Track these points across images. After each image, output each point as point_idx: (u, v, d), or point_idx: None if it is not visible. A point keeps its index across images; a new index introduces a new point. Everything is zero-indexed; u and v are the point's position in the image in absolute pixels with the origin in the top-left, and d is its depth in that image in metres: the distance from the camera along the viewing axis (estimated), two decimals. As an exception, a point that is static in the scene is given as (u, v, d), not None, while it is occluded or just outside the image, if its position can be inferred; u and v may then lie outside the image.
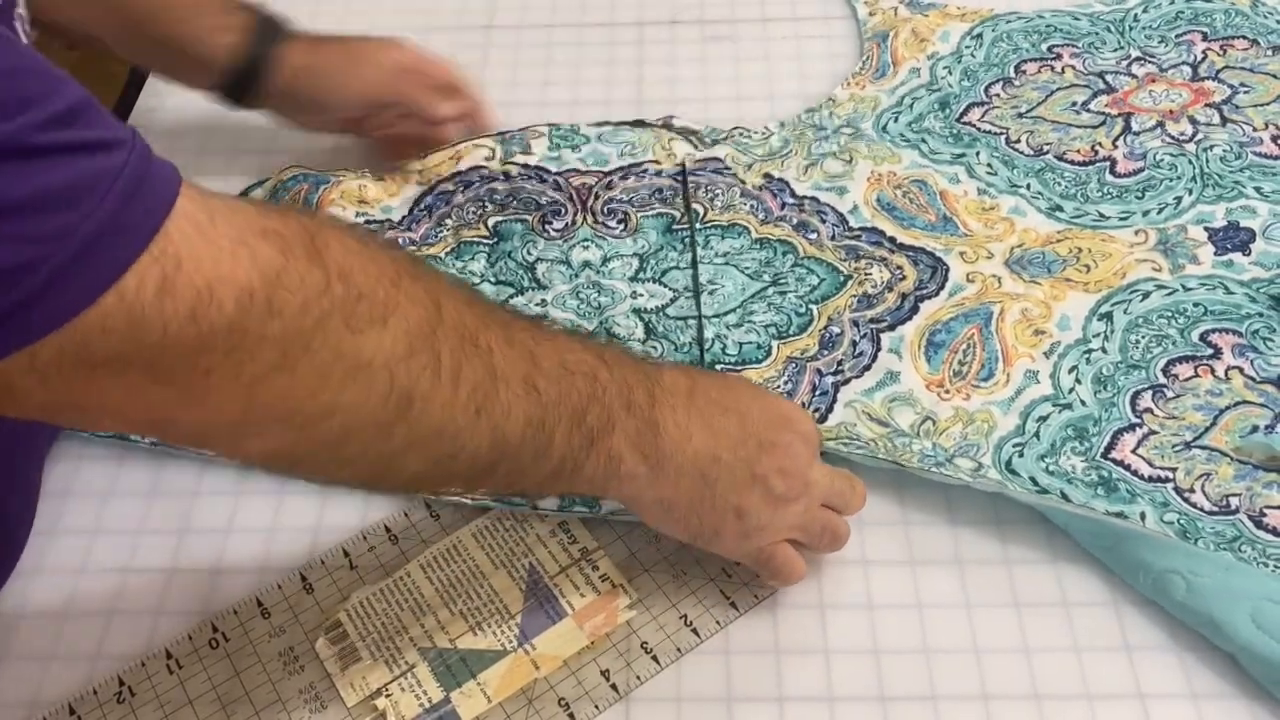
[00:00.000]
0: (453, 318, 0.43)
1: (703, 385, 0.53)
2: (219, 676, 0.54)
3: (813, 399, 0.61)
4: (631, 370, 0.50)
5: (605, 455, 0.49)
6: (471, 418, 0.44)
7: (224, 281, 0.36)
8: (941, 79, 0.79)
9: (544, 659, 0.53)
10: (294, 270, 0.38)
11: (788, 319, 0.65)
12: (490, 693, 0.52)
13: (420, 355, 0.42)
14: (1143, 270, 0.66)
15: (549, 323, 0.50)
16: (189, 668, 0.54)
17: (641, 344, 0.65)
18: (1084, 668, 0.52)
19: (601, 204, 0.72)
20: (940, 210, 0.71)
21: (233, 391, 0.38)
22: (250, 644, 0.55)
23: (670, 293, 0.67)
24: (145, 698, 0.53)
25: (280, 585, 0.57)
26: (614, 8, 0.88)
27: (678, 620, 0.55)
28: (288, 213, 0.40)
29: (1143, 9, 0.83)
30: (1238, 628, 0.51)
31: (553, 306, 0.67)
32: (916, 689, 0.52)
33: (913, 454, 0.58)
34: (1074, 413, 0.60)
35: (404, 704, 0.52)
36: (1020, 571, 0.56)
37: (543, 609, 0.55)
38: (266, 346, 0.38)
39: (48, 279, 0.33)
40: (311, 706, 0.53)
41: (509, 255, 0.69)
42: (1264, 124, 0.74)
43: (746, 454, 0.51)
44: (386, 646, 0.54)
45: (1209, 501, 0.56)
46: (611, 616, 0.55)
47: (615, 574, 0.56)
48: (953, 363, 0.62)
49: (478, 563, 0.57)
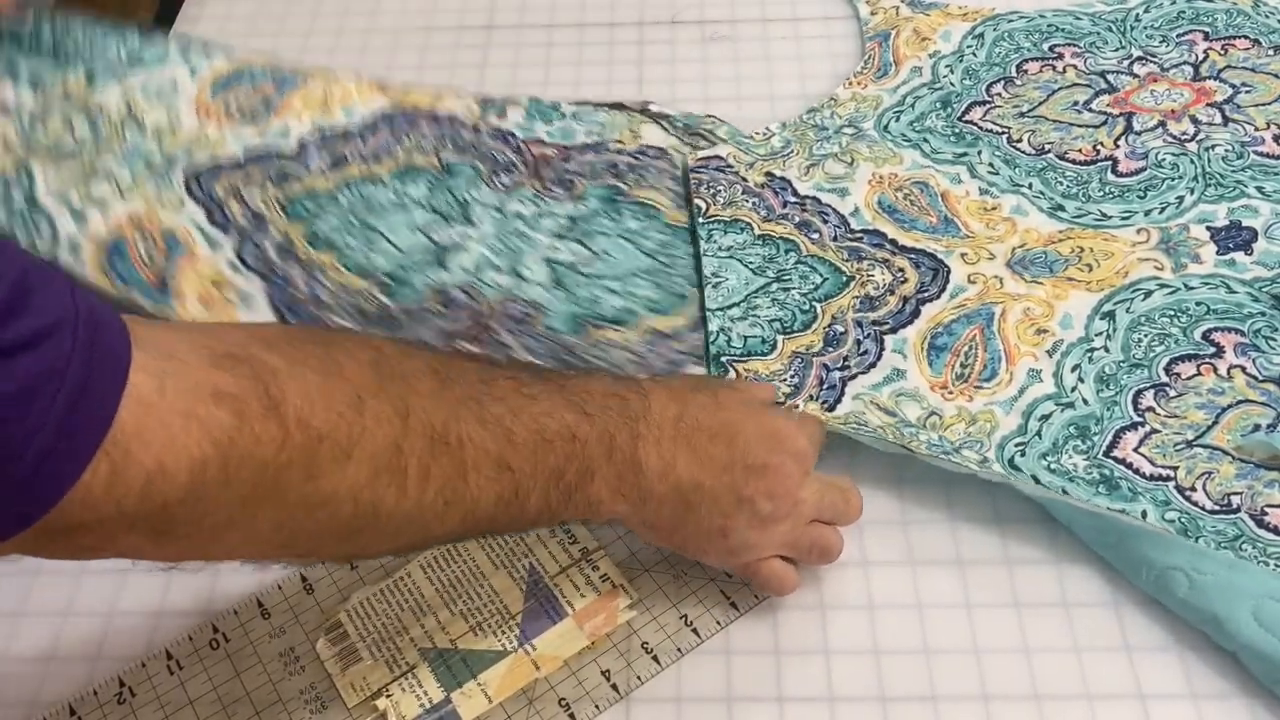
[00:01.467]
0: (421, 422, 0.43)
1: (692, 410, 0.52)
2: (219, 677, 0.54)
3: (820, 391, 0.61)
4: (616, 414, 0.50)
5: (585, 503, 0.50)
6: (440, 509, 0.45)
7: (175, 456, 0.36)
8: (943, 78, 0.79)
9: (544, 659, 0.53)
10: (248, 432, 0.38)
11: (792, 314, 0.65)
12: (491, 693, 0.52)
13: (385, 474, 0.42)
14: (1145, 269, 0.66)
15: (528, 379, 0.49)
16: (189, 668, 0.54)
17: (546, 291, 0.66)
18: (1084, 668, 0.52)
19: (554, 173, 0.73)
20: (942, 212, 0.71)
21: (198, 537, 0.39)
22: (251, 645, 0.55)
23: (589, 254, 0.68)
24: (146, 698, 0.54)
25: (280, 586, 0.57)
26: (614, 8, 0.88)
27: (678, 620, 0.55)
28: (239, 364, 0.39)
29: (1144, 9, 0.82)
30: (1240, 625, 0.50)
31: (473, 241, 0.68)
32: (916, 689, 0.52)
33: (921, 443, 0.58)
34: (1076, 411, 0.60)
35: (404, 704, 0.52)
36: (1020, 571, 0.56)
37: (543, 609, 0.55)
38: (225, 506, 0.39)
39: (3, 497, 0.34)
40: (312, 707, 0.53)
41: (450, 190, 0.71)
42: (1266, 124, 0.73)
43: (732, 479, 0.51)
44: (387, 647, 0.54)
45: (1210, 500, 0.56)
46: (612, 616, 0.55)
47: (615, 574, 0.56)
48: (955, 365, 0.62)
49: (478, 563, 0.57)
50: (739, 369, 0.62)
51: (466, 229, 0.69)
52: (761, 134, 0.76)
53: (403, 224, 0.69)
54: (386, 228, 0.69)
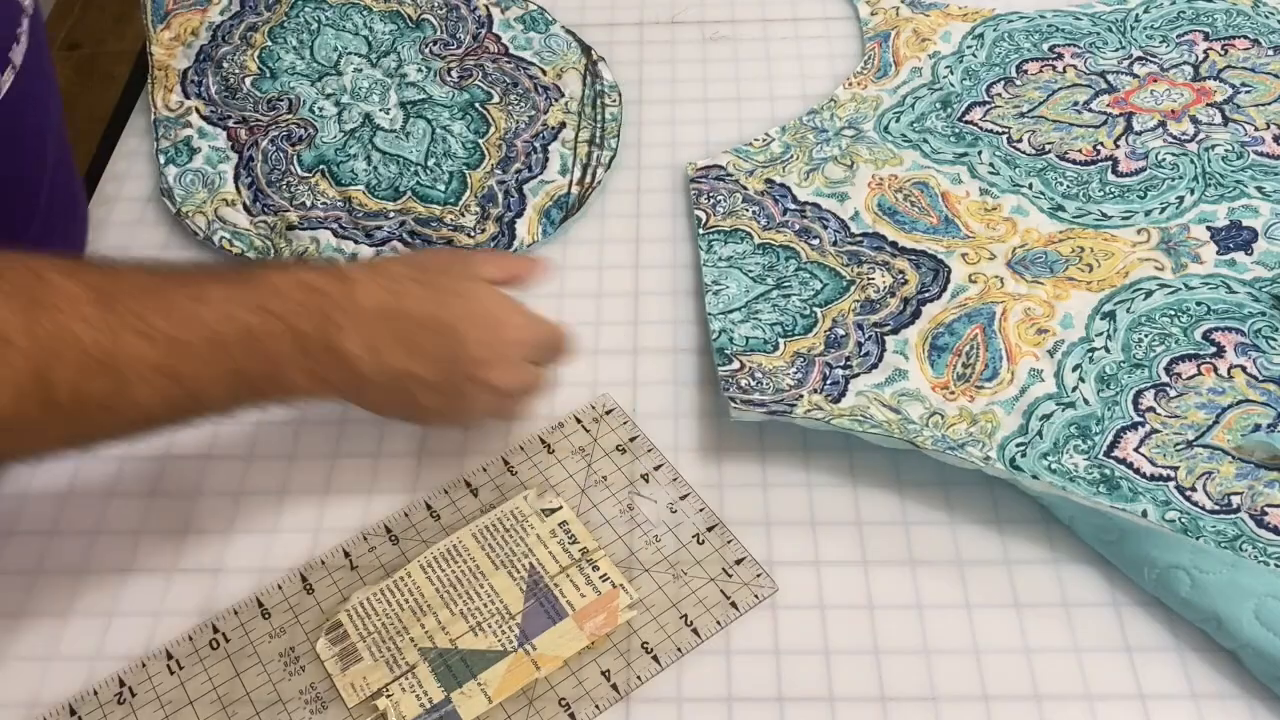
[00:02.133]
0: (71, 349, 0.46)
1: (404, 301, 0.54)
2: (219, 677, 0.54)
3: (824, 387, 0.61)
4: (305, 307, 0.52)
5: (281, 392, 0.53)
6: (104, 419, 0.49)
7: None
8: (943, 78, 0.79)
9: (544, 659, 0.53)
10: None
11: (793, 320, 0.65)
12: (491, 693, 0.52)
13: (28, 399, 0.46)
14: (1145, 269, 0.66)
15: (208, 285, 0.52)
16: (189, 668, 0.54)
17: (401, 127, 0.77)
18: (1084, 668, 0.52)
19: (474, 65, 0.81)
20: (942, 212, 0.71)
21: None
22: (251, 644, 0.55)
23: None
24: (146, 698, 0.53)
25: (281, 586, 0.57)
26: (614, 8, 0.88)
27: (678, 620, 0.55)
28: None
29: (1144, 9, 0.82)
30: (1241, 624, 0.51)
31: (349, 82, 0.80)
32: (917, 689, 0.52)
33: (925, 438, 0.58)
34: (1077, 411, 0.60)
35: (405, 704, 0.52)
36: (1020, 571, 0.56)
37: (543, 609, 0.55)
38: None
39: None
40: (312, 707, 0.53)
41: (394, 38, 0.83)
42: (1265, 124, 0.73)
43: (450, 373, 0.55)
44: (387, 647, 0.54)
45: (1210, 500, 0.56)
46: (612, 616, 0.55)
47: (615, 574, 0.56)
48: (956, 365, 0.62)
49: (478, 563, 0.57)
50: (743, 360, 0.62)
51: (364, 64, 0.81)
52: (761, 141, 0.76)
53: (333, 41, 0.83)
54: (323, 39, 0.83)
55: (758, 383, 0.61)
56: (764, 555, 0.57)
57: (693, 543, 0.57)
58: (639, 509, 0.58)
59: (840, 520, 0.58)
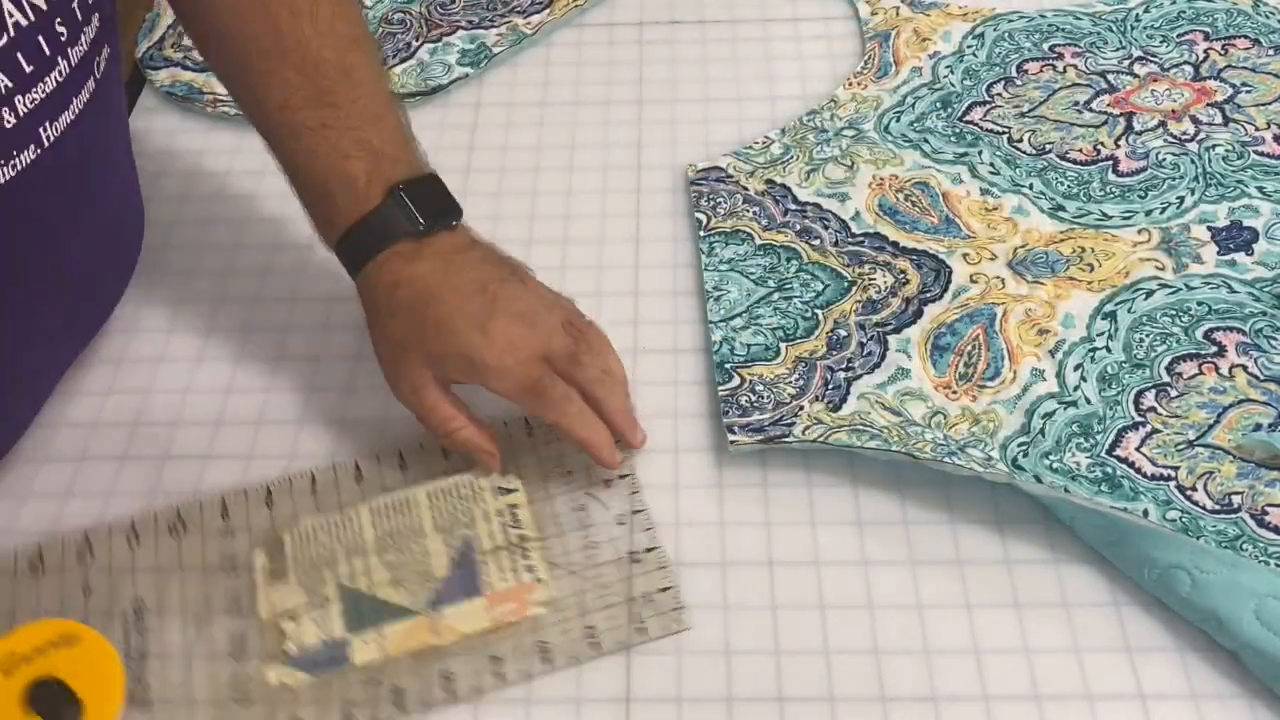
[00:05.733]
0: None
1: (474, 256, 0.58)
2: (165, 558, 0.57)
3: (826, 392, 0.61)
4: None
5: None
6: None
7: None
8: (943, 78, 0.79)
9: (445, 629, 0.54)
10: None
11: (794, 323, 0.65)
12: (387, 646, 0.54)
13: None
14: (1146, 269, 0.66)
15: None
16: (145, 543, 0.58)
17: None
18: (1084, 668, 0.52)
19: None
20: (943, 212, 0.70)
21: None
22: (202, 538, 0.58)
23: None
24: (102, 562, 0.57)
25: (247, 493, 0.60)
26: (614, 8, 0.88)
27: (583, 630, 0.54)
28: None
29: (1144, 9, 0.82)
30: (1242, 624, 0.50)
31: None
32: (917, 689, 0.52)
33: (926, 443, 0.58)
34: (1079, 410, 0.60)
35: (306, 632, 0.54)
36: (1020, 571, 0.56)
37: (462, 582, 0.56)
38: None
39: None
40: (229, 608, 0.55)
41: None
42: (1266, 123, 0.73)
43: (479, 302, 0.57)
44: (313, 575, 0.56)
45: (1211, 500, 0.55)
46: (522, 607, 0.55)
47: (542, 568, 0.56)
48: (958, 365, 0.62)
49: (422, 522, 0.58)
50: (743, 374, 0.62)
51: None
52: (761, 143, 0.76)
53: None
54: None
55: (758, 398, 0.61)
56: (764, 555, 0.57)
57: (625, 560, 0.57)
58: (590, 512, 0.58)
59: (840, 520, 0.58)
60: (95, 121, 0.56)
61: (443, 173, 0.61)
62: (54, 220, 0.56)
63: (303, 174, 0.59)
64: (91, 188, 0.59)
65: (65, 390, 0.65)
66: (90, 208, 0.59)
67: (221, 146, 0.79)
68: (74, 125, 0.54)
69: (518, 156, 0.77)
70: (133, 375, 0.66)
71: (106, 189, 0.62)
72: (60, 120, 0.53)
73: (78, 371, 0.66)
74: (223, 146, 0.79)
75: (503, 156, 0.77)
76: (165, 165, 0.78)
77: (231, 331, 0.68)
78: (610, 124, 0.79)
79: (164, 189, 0.77)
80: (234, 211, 0.75)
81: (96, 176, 0.60)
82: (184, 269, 0.72)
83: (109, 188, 0.63)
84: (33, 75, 0.50)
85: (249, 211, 0.75)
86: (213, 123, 0.81)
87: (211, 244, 0.73)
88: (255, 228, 0.74)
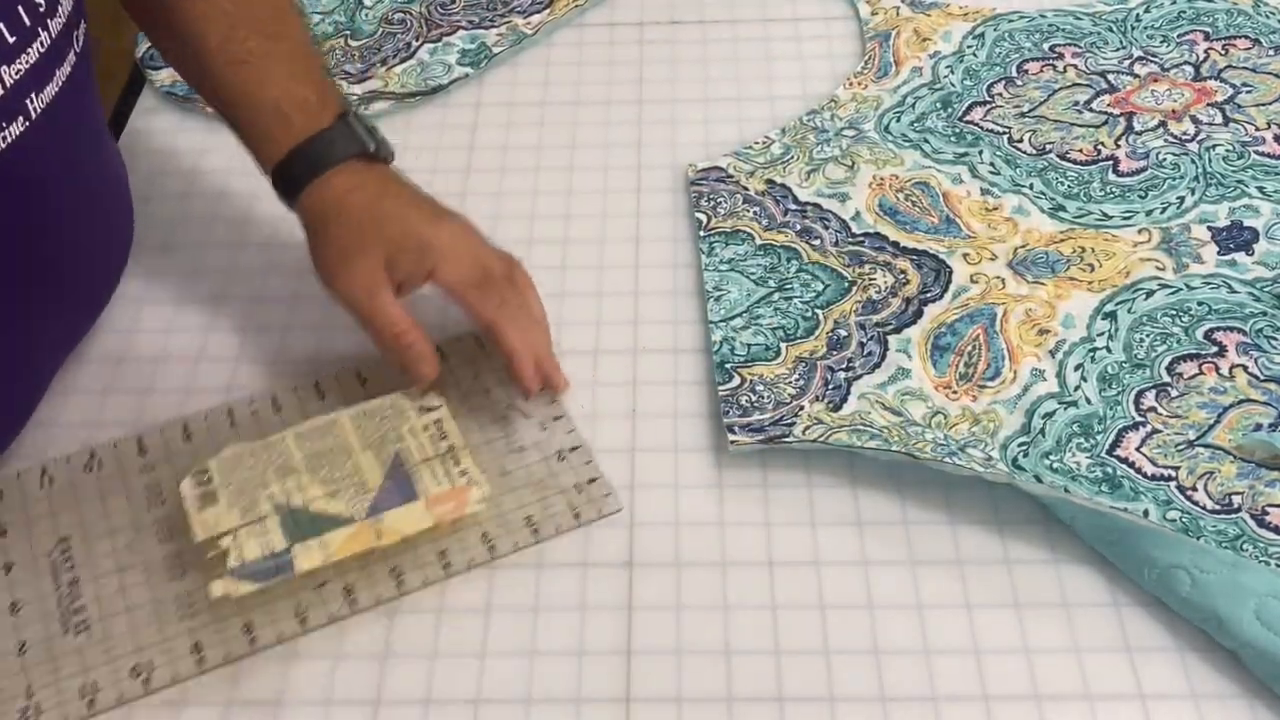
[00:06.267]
0: None
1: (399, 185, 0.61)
2: (86, 491, 0.58)
3: (826, 391, 0.61)
4: None
5: None
6: None
7: None
8: (944, 78, 0.79)
9: (387, 531, 0.55)
10: None
11: (795, 323, 0.65)
12: (330, 551, 0.54)
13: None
14: (1146, 269, 0.66)
15: None
16: (60, 483, 0.59)
17: None
18: (1084, 668, 0.52)
19: None
20: (943, 212, 0.70)
21: None
22: (122, 474, 0.59)
23: None
24: (13, 503, 0.58)
25: (162, 430, 0.61)
26: (614, 8, 0.88)
27: (522, 521, 0.58)
28: None
29: (1144, 9, 0.82)
30: (1242, 624, 0.50)
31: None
32: (916, 689, 0.52)
33: (926, 443, 0.58)
34: (1080, 410, 0.60)
35: (247, 548, 0.55)
36: (1020, 571, 0.56)
37: (398, 490, 0.57)
38: None
39: None
40: (161, 536, 0.57)
41: None
42: (1266, 123, 0.73)
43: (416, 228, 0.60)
44: (245, 498, 0.57)
45: (1211, 500, 0.55)
46: (461, 506, 0.57)
47: (474, 471, 0.58)
48: (959, 365, 0.62)
49: (350, 441, 0.59)
50: (743, 374, 0.62)
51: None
52: (761, 143, 0.76)
53: None
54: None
55: (758, 398, 0.61)
56: (764, 555, 0.57)
57: (554, 458, 0.60)
58: (514, 423, 0.62)
59: (840, 520, 0.58)
60: (77, 94, 0.57)
61: (443, 173, 0.61)
62: (44, 193, 0.56)
63: (252, 98, 0.61)
64: (79, 159, 0.60)
65: (65, 390, 0.65)
66: (79, 180, 0.60)
67: (222, 146, 0.79)
68: (59, 98, 0.55)
69: (518, 156, 0.77)
70: (133, 375, 0.66)
71: (93, 159, 0.63)
72: (45, 92, 0.54)
73: (77, 370, 0.66)
74: (223, 146, 0.79)
75: (503, 156, 0.77)
76: (165, 165, 0.78)
77: (232, 331, 0.68)
78: (610, 124, 0.79)
79: (164, 188, 0.77)
80: (234, 210, 0.75)
81: (83, 147, 0.61)
82: (184, 269, 0.72)
83: (95, 157, 0.64)
84: (16, 46, 0.51)
85: (249, 210, 0.75)
86: (213, 123, 0.80)
87: (212, 243, 0.73)
88: (256, 227, 0.74)
